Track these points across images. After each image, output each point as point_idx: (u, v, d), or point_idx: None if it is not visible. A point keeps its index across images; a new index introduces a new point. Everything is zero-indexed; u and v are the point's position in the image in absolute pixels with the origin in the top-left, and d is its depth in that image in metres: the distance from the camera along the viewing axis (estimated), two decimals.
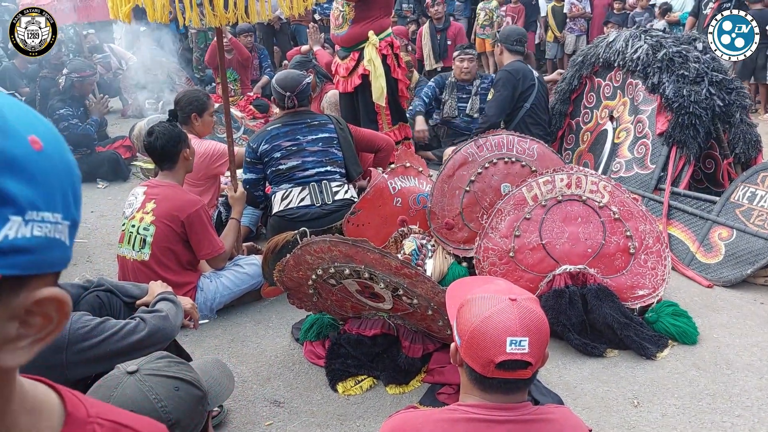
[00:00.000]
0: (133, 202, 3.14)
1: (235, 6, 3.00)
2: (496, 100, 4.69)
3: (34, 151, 0.56)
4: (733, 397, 2.52)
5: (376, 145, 4.05)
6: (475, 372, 1.37)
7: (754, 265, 3.38)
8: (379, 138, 4.10)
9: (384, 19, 4.58)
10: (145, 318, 2.09)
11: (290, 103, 3.68)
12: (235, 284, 3.23)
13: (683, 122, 3.92)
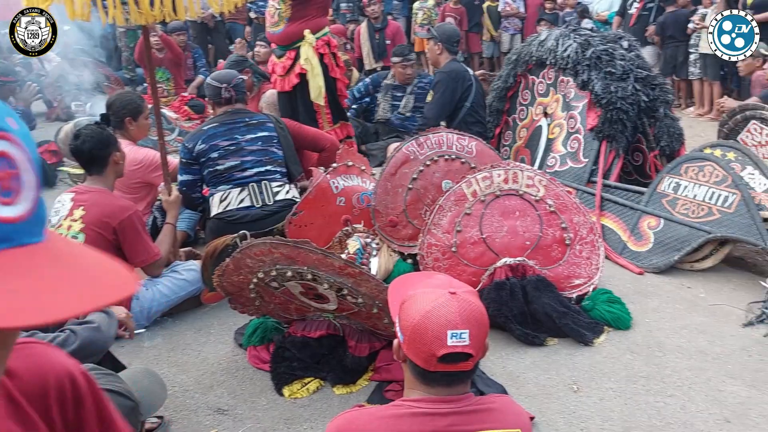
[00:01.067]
0: (59, 209, 3.01)
1: (162, 3, 2.91)
2: (436, 103, 4.69)
3: None
4: (665, 378, 2.64)
5: (320, 144, 4.02)
6: (418, 367, 1.38)
7: (680, 252, 3.55)
8: (324, 137, 4.06)
9: (320, 18, 4.55)
10: (75, 330, 2.01)
11: (227, 95, 3.58)
12: (173, 291, 3.14)
13: (612, 117, 4.07)
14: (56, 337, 1.97)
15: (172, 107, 6.63)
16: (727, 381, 2.62)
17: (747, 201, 3.42)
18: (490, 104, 5.09)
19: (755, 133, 3.97)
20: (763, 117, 3.90)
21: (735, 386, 2.58)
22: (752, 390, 2.55)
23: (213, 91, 3.63)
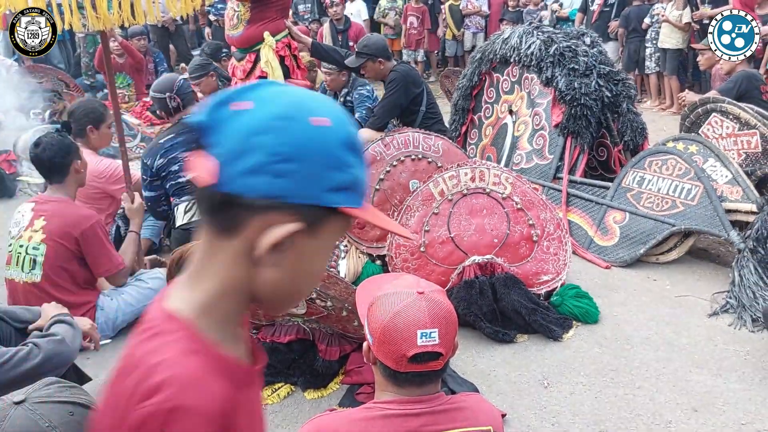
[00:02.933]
0: (19, 220, 2.93)
1: (120, 7, 2.85)
2: (387, 102, 4.63)
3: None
4: (634, 370, 2.67)
5: None
6: (388, 368, 1.38)
7: (646, 245, 3.61)
8: None
9: (280, 21, 4.51)
10: (38, 343, 1.96)
11: (174, 104, 3.48)
12: (139, 301, 3.07)
13: (576, 113, 4.11)
14: (19, 350, 1.92)
15: (133, 113, 6.52)
16: (693, 371, 2.67)
17: (709, 193, 3.49)
18: (455, 103, 5.10)
19: (716, 126, 4.05)
20: (723, 110, 3.98)
21: (701, 375, 2.63)
22: (718, 379, 2.61)
23: (160, 104, 3.53)
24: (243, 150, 0.71)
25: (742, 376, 2.62)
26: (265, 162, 0.71)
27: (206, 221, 0.77)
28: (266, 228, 0.73)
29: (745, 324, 2.98)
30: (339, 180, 0.75)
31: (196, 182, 0.73)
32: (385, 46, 4.73)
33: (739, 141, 3.91)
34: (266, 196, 0.71)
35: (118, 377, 0.76)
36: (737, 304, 3.07)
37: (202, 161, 0.73)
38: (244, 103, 0.73)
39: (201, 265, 0.79)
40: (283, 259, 0.75)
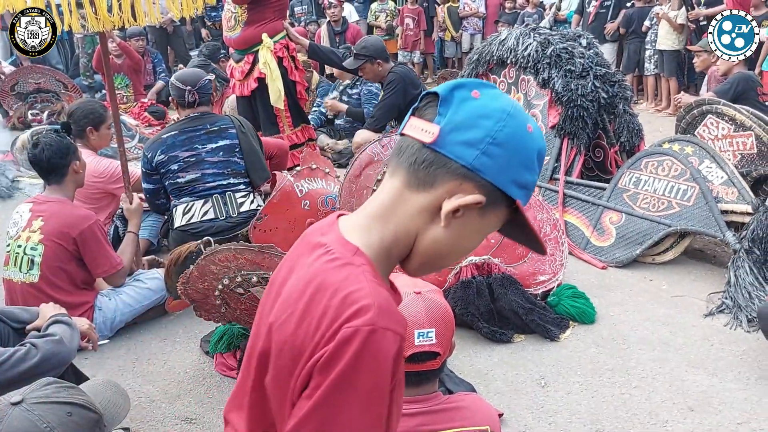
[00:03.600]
0: (17, 220, 2.94)
1: (120, 9, 2.86)
2: (385, 104, 4.64)
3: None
4: (630, 370, 2.69)
5: (267, 152, 3.92)
6: None
7: (642, 245, 3.62)
8: (271, 144, 3.96)
9: (277, 22, 4.52)
10: (36, 343, 1.96)
11: (191, 98, 3.44)
12: (137, 300, 3.08)
13: (572, 115, 4.13)
14: (17, 350, 1.92)
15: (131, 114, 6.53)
16: (689, 370, 2.68)
17: (705, 194, 3.50)
18: None
19: (712, 127, 4.07)
20: (719, 111, 4.00)
21: (697, 375, 2.64)
22: (714, 378, 2.62)
23: (177, 92, 3.48)
24: (467, 125, 0.87)
25: (737, 375, 2.64)
26: (480, 139, 0.86)
27: (404, 173, 0.90)
28: (456, 192, 0.87)
29: (740, 324, 2.99)
30: (525, 178, 0.90)
31: (414, 139, 0.89)
32: (384, 48, 4.75)
33: (735, 142, 3.93)
34: (469, 166, 0.86)
35: (311, 297, 0.88)
36: (733, 304, 3.09)
37: (423, 124, 0.89)
38: (476, 92, 0.89)
39: (384, 209, 0.92)
40: (453, 224, 0.88)
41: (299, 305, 0.89)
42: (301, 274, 0.92)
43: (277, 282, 0.99)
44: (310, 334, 0.86)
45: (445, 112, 0.88)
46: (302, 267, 0.93)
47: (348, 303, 0.84)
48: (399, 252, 0.93)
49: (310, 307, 0.87)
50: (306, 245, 0.97)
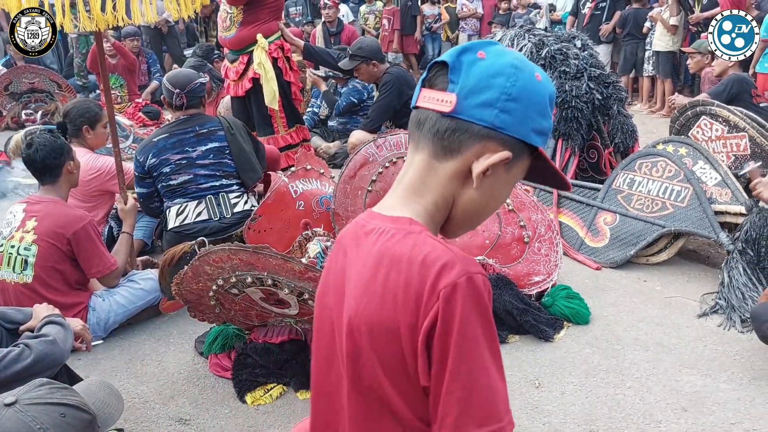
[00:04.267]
0: (11, 220, 2.92)
1: (114, 8, 2.84)
2: (380, 105, 4.64)
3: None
4: (624, 371, 2.69)
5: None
6: None
7: (636, 246, 3.63)
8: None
9: (272, 22, 4.52)
10: (30, 344, 1.95)
11: (179, 102, 3.44)
12: (131, 301, 3.07)
13: (567, 116, 4.14)
14: (10, 351, 1.91)
15: (126, 114, 6.51)
16: (683, 371, 2.69)
17: (699, 195, 3.52)
18: None
19: (705, 129, 4.08)
20: (712, 113, 4.02)
21: (691, 376, 2.65)
22: (707, 379, 2.63)
23: (167, 94, 3.50)
24: (481, 87, 0.90)
25: (731, 376, 2.65)
26: (497, 98, 0.90)
27: (429, 144, 0.94)
28: (483, 153, 0.91)
29: (734, 325, 3.00)
30: (542, 125, 0.94)
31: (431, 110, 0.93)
32: (379, 49, 4.76)
33: (728, 143, 3.95)
34: (490, 126, 0.90)
35: (386, 275, 0.91)
36: (726, 305, 3.10)
37: (438, 94, 0.92)
38: (481, 53, 0.92)
39: (418, 183, 0.96)
40: (485, 183, 0.93)
41: (376, 287, 0.92)
42: (364, 261, 0.95)
43: (331, 285, 1.03)
44: (400, 308, 0.89)
45: (457, 78, 0.91)
46: (360, 257, 0.96)
47: (430, 265, 0.88)
48: (441, 218, 0.98)
49: (389, 284, 0.91)
50: (353, 240, 1.01)
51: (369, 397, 0.97)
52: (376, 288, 0.92)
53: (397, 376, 0.92)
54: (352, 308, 0.94)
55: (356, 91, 5.96)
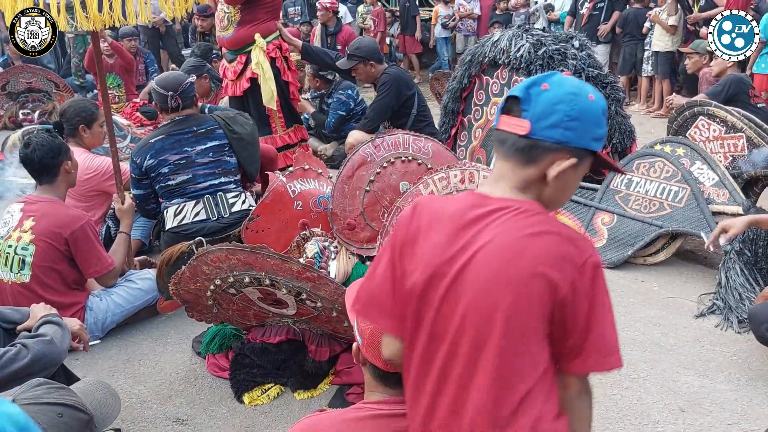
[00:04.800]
0: (8, 220, 2.92)
1: (111, 8, 2.84)
2: (378, 105, 4.63)
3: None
4: (621, 371, 2.69)
5: None
6: (378, 369, 1.39)
7: (634, 247, 3.64)
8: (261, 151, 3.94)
9: (270, 22, 4.51)
10: (27, 344, 1.95)
11: (174, 104, 3.43)
12: (128, 301, 3.07)
13: None
14: (7, 351, 1.91)
15: (123, 114, 6.49)
16: (680, 371, 2.69)
17: (696, 195, 3.52)
18: (445, 105, 5.12)
19: (703, 129, 4.09)
20: (710, 113, 4.02)
21: (688, 376, 2.66)
22: (704, 379, 2.63)
23: (160, 98, 3.48)
24: (548, 113, 1.19)
25: (728, 376, 2.65)
26: (560, 120, 1.19)
27: (513, 157, 1.23)
28: (554, 162, 1.20)
29: (731, 325, 3.01)
30: (599, 133, 1.23)
31: (511, 132, 1.22)
32: (377, 49, 4.75)
33: (726, 144, 3.96)
34: (558, 142, 1.20)
35: (536, 238, 1.17)
36: (724, 305, 3.11)
37: (515, 120, 1.22)
38: (545, 85, 1.21)
39: (514, 182, 1.24)
40: (558, 183, 1.22)
41: (524, 250, 1.16)
42: (506, 231, 1.18)
43: (441, 258, 1.21)
44: (549, 269, 1.14)
45: (528, 107, 1.20)
46: (497, 229, 1.19)
47: (576, 239, 1.19)
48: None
49: (537, 248, 1.16)
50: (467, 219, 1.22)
51: (506, 350, 1.17)
52: (525, 250, 1.16)
53: (537, 325, 1.16)
54: (493, 269, 1.16)
55: (342, 104, 5.93)
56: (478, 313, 1.17)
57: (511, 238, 1.17)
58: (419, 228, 1.26)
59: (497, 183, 1.27)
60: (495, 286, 1.16)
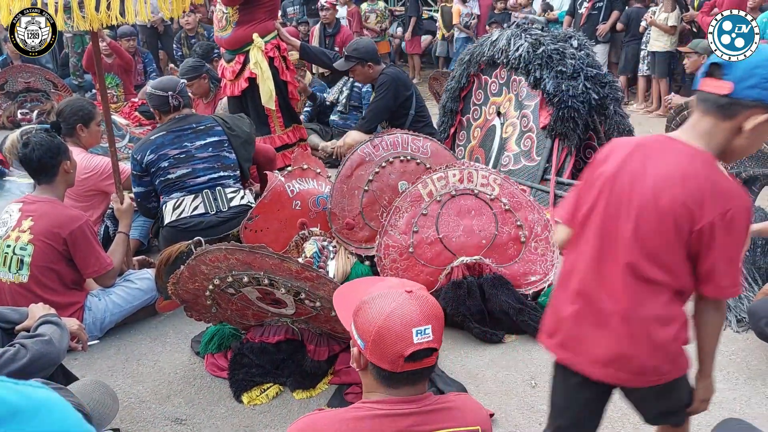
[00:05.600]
0: (7, 220, 2.92)
1: (109, 7, 2.83)
2: (376, 106, 4.63)
3: None
4: None
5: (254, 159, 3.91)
6: (383, 371, 1.38)
7: None
8: (259, 152, 3.95)
9: (268, 22, 4.51)
10: (25, 344, 1.95)
11: (176, 102, 3.51)
12: (127, 301, 3.07)
13: (563, 116, 4.13)
14: (6, 351, 1.90)
15: (122, 113, 6.49)
16: None
17: None
18: (443, 104, 5.12)
19: None
20: None
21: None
22: None
23: (159, 101, 3.53)
24: (747, 76, 1.48)
25: (727, 375, 2.65)
26: (758, 82, 1.46)
27: (713, 113, 1.50)
28: (750, 116, 1.46)
29: (730, 324, 3.01)
30: None
31: (712, 93, 1.50)
32: (375, 50, 4.74)
33: None
34: (756, 99, 1.46)
35: (700, 172, 1.49)
36: None
37: (717, 82, 1.50)
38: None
39: (708, 132, 1.52)
40: (751, 135, 1.49)
41: (686, 181, 1.48)
42: (676, 160, 1.52)
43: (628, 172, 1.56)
44: (697, 208, 1.46)
45: (729, 72, 1.49)
46: (669, 158, 1.53)
47: (724, 192, 1.48)
48: (717, 154, 1.53)
49: (700, 182, 1.47)
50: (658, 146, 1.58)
51: (644, 265, 1.52)
52: (687, 181, 1.48)
53: (679, 247, 1.50)
54: (659, 189, 1.50)
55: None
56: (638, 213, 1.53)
57: (678, 170, 1.49)
58: (608, 154, 1.64)
59: (687, 131, 1.56)
60: (651, 201, 1.51)
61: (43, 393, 0.75)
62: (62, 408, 0.77)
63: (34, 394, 0.73)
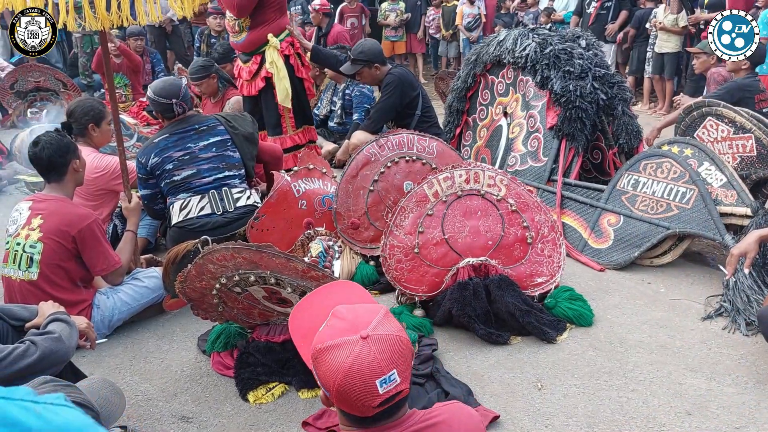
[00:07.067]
0: (17, 218, 2.94)
1: (119, 8, 2.85)
2: (382, 106, 4.62)
3: None
4: (627, 373, 2.69)
5: (261, 157, 3.92)
6: (352, 415, 1.32)
7: (640, 248, 3.62)
8: (266, 151, 3.95)
9: (281, 20, 4.52)
10: (35, 341, 1.97)
11: (180, 110, 3.50)
12: (135, 299, 3.08)
13: (571, 116, 4.13)
14: (16, 348, 1.92)
15: (130, 113, 6.54)
16: (687, 374, 2.68)
17: (704, 196, 3.50)
18: (450, 104, 5.11)
19: (711, 130, 4.07)
20: (718, 114, 4.00)
21: (695, 379, 2.64)
22: (711, 382, 2.62)
23: (162, 107, 3.51)
24: None
25: (735, 379, 2.64)
26: None
27: None
28: None
29: (739, 328, 2.99)
30: None
31: None
32: (380, 51, 4.74)
33: (734, 145, 3.93)
34: None
35: None
36: (731, 307, 3.09)
37: None
38: None
39: None
40: None
41: None
42: None
43: None
44: None
45: None
46: None
47: None
48: None
49: None
50: None
51: None
52: None
53: None
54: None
55: (366, 98, 6.01)
56: None
57: None
58: None
59: None
60: None
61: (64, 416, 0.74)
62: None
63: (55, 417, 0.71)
